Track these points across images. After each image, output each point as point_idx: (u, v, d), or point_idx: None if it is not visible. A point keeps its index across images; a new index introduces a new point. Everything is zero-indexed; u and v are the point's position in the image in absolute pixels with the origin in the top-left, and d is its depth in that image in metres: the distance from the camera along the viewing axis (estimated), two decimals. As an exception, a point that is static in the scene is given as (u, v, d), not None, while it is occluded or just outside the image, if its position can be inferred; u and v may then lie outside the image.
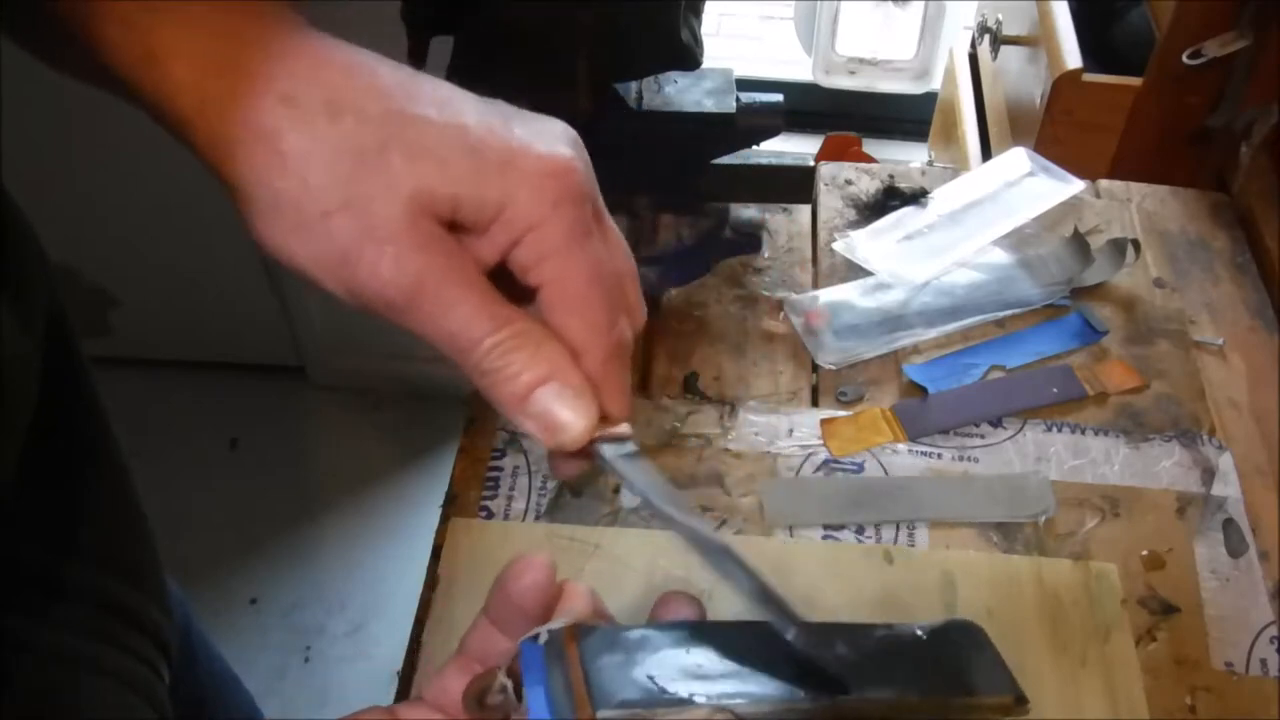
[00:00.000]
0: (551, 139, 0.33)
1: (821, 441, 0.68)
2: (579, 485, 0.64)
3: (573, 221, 0.33)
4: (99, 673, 0.46)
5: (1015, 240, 0.81)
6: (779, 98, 0.73)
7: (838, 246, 0.81)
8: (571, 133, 0.34)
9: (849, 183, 0.87)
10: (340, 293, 0.32)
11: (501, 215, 0.32)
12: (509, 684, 0.34)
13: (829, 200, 0.85)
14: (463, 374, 0.33)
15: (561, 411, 0.33)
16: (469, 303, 0.32)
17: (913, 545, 0.63)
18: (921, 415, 0.69)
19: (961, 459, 0.67)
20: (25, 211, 0.44)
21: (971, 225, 0.82)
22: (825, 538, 0.63)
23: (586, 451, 0.34)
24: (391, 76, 0.33)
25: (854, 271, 0.79)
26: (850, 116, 2.05)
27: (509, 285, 0.34)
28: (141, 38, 0.31)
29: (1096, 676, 0.56)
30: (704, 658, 0.36)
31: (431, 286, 0.31)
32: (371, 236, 0.31)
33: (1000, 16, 1.32)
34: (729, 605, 0.58)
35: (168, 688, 0.51)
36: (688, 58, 0.67)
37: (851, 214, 0.84)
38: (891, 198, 0.85)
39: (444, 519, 0.63)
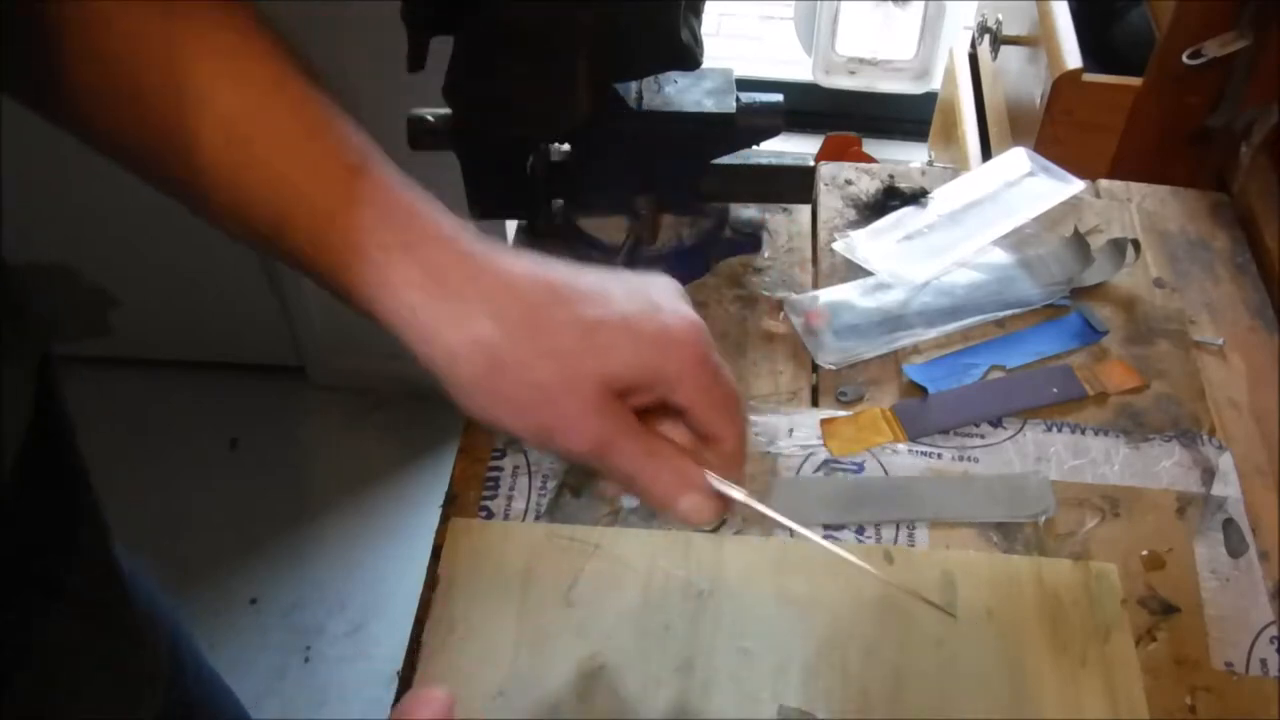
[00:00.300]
0: (672, 299, 0.43)
1: (821, 441, 0.68)
2: (579, 486, 0.64)
3: (709, 369, 0.43)
4: (96, 670, 0.47)
5: (1015, 240, 0.81)
6: (779, 98, 0.73)
7: (838, 246, 0.81)
8: (676, 285, 0.45)
9: (849, 183, 0.87)
10: (541, 450, 0.45)
11: (661, 379, 0.42)
12: None
13: (829, 200, 0.85)
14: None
15: (697, 512, 0.44)
16: (636, 448, 0.42)
17: (913, 545, 0.63)
18: (921, 415, 0.69)
19: (961, 459, 0.67)
20: (24, 215, 0.45)
21: (971, 225, 0.82)
22: (825, 537, 0.63)
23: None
24: (559, 274, 0.42)
25: (854, 271, 0.79)
26: (850, 116, 2.05)
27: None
28: (379, 271, 0.40)
29: (1096, 676, 0.56)
30: None
31: (611, 446, 0.41)
32: (569, 417, 0.41)
33: (1000, 16, 1.32)
34: (731, 604, 0.58)
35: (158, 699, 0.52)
36: (688, 58, 0.67)
37: (851, 214, 0.84)
38: (891, 198, 0.85)
39: (444, 519, 0.63)
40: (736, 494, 0.45)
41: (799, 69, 2.07)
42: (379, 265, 0.40)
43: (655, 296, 0.43)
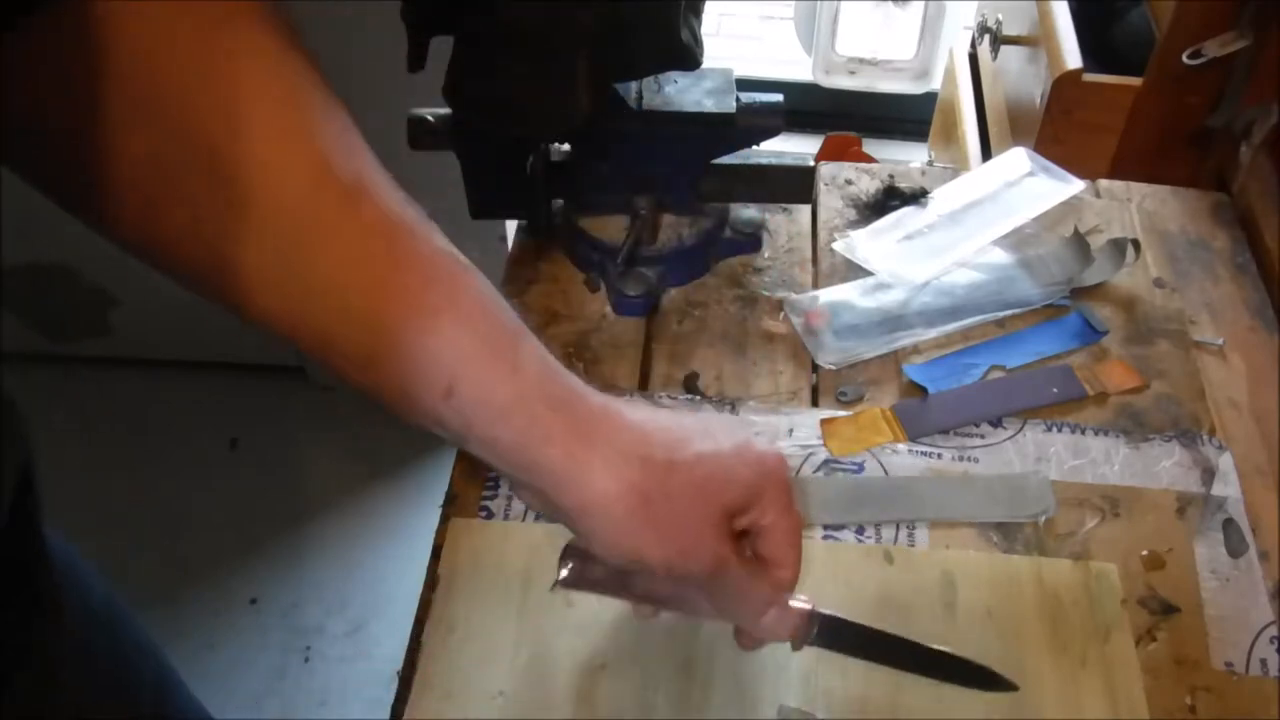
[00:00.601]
0: (749, 435, 0.47)
1: (821, 441, 0.68)
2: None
3: (789, 496, 0.48)
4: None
5: (1015, 240, 0.81)
6: (779, 98, 0.73)
7: (838, 246, 0.81)
8: (772, 448, 0.49)
9: (849, 183, 0.87)
10: (662, 569, 0.44)
11: (759, 502, 0.47)
12: None
13: (829, 200, 0.85)
14: None
15: (781, 625, 0.51)
16: (743, 569, 0.47)
17: (913, 545, 0.63)
18: (921, 415, 0.69)
19: (961, 459, 0.67)
20: (24, 215, 0.44)
21: (971, 225, 0.82)
22: (825, 537, 0.63)
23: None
24: (668, 420, 0.46)
25: (854, 271, 0.79)
26: (850, 116, 2.05)
27: None
28: (527, 428, 0.41)
29: (1096, 676, 0.56)
30: None
31: (728, 564, 0.46)
32: (703, 540, 0.45)
33: (1000, 16, 1.32)
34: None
35: None
36: (688, 58, 0.67)
37: (851, 214, 0.84)
38: (891, 198, 0.85)
39: (444, 519, 0.63)
40: (803, 603, 0.51)
41: (799, 69, 2.07)
42: (527, 423, 0.41)
43: (739, 433, 0.48)
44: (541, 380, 0.42)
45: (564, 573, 0.55)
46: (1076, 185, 0.84)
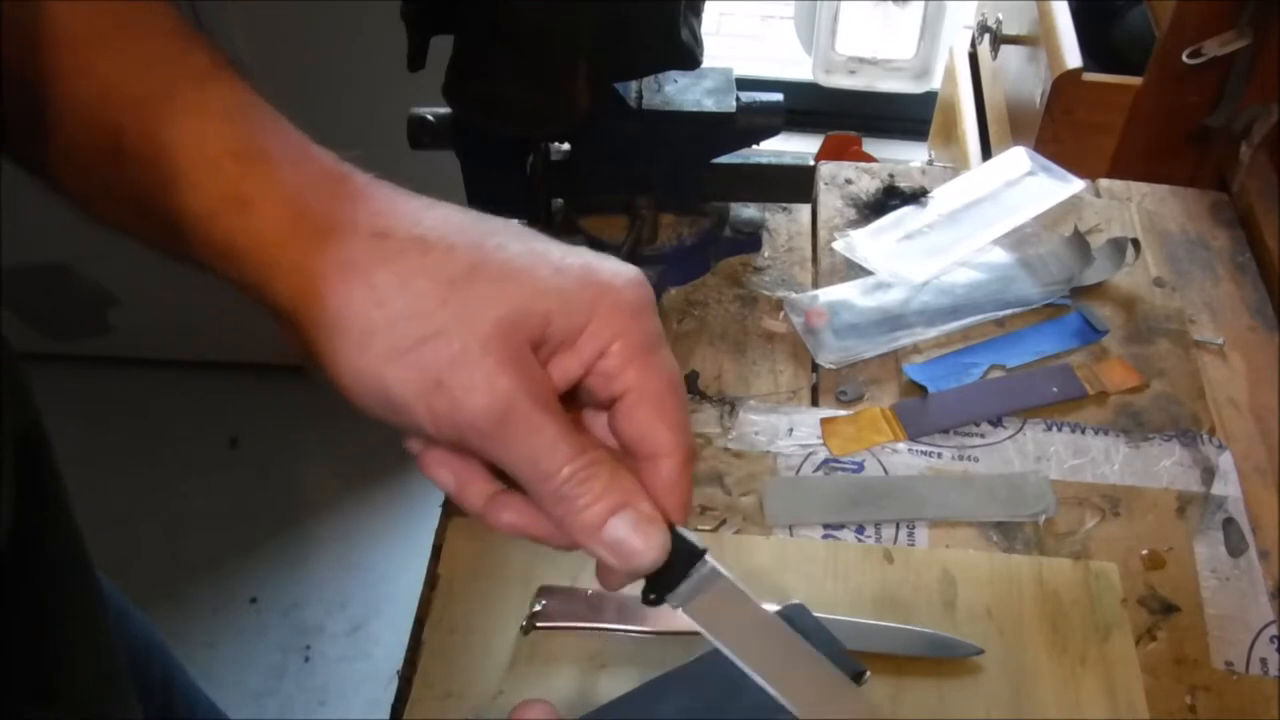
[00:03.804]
0: (615, 262, 0.36)
1: (821, 441, 0.68)
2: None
3: (652, 330, 0.35)
4: None
5: (1015, 239, 0.81)
6: (779, 97, 0.73)
7: (838, 246, 0.81)
8: (629, 265, 0.37)
9: (849, 182, 0.87)
10: (428, 422, 0.32)
11: (589, 326, 0.34)
12: None
13: (829, 200, 0.85)
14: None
15: (636, 540, 0.34)
16: (553, 427, 0.33)
17: (912, 544, 0.63)
18: (921, 415, 0.69)
19: (961, 458, 0.67)
20: (24, 215, 0.44)
21: (971, 224, 0.82)
22: (825, 537, 0.63)
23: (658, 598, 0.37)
24: (464, 213, 0.35)
25: (854, 271, 0.79)
26: (850, 116, 2.05)
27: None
28: (232, 183, 0.32)
29: (1096, 676, 0.56)
30: None
31: (521, 410, 0.32)
32: (465, 360, 0.32)
33: (1000, 16, 1.32)
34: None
35: None
36: (688, 57, 0.67)
37: (851, 213, 0.84)
38: (891, 197, 0.85)
39: (444, 519, 0.63)
40: (691, 536, 0.36)
41: (799, 68, 2.07)
42: (232, 180, 0.33)
43: (594, 252, 0.36)
44: (248, 123, 0.34)
45: (536, 608, 0.55)
46: (1076, 185, 0.84)
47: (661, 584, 0.36)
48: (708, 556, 0.37)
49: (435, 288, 0.32)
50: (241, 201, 0.33)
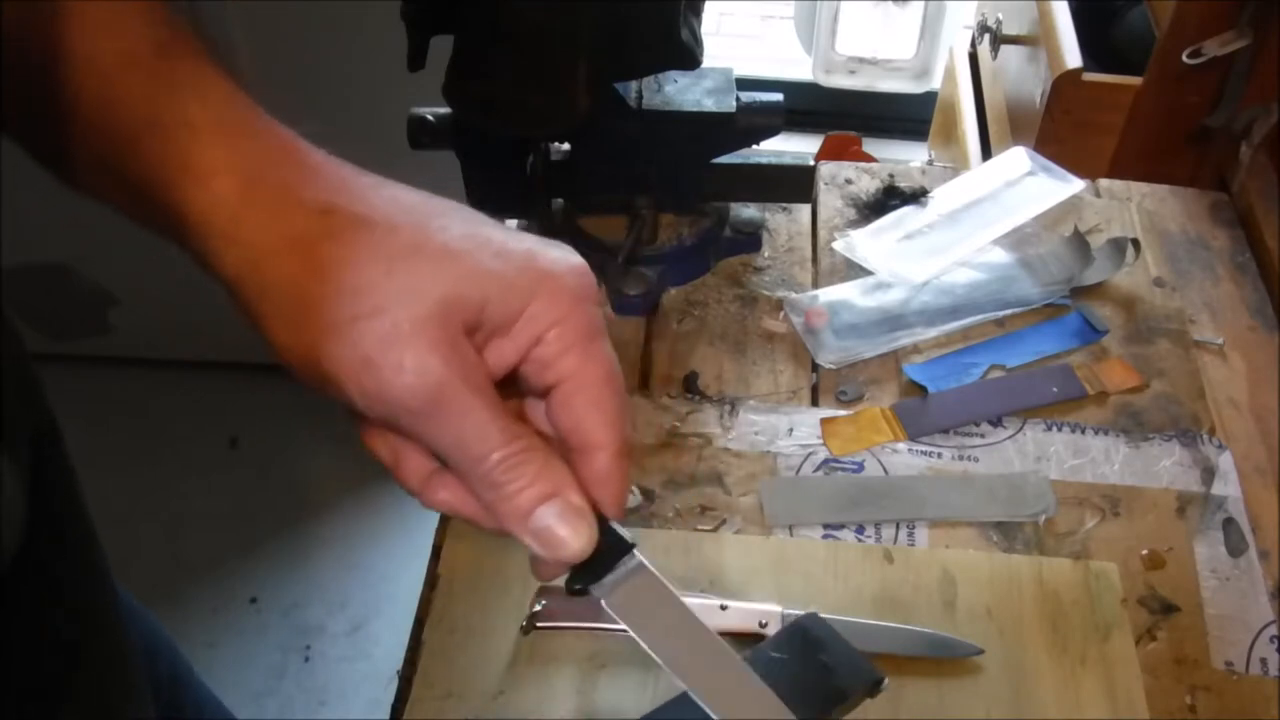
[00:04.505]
0: (561, 249, 0.36)
1: (821, 441, 0.68)
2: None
3: (591, 319, 0.35)
4: None
5: (1015, 239, 0.81)
6: (779, 97, 0.73)
7: (838, 246, 0.81)
8: (573, 251, 0.37)
9: (849, 182, 0.87)
10: (358, 398, 0.32)
11: (526, 311, 0.34)
12: None
13: (829, 200, 0.85)
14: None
15: (562, 529, 0.34)
16: (484, 411, 0.33)
17: (912, 544, 0.63)
18: (921, 415, 0.69)
19: (961, 458, 0.67)
20: (24, 215, 0.44)
21: (971, 224, 0.82)
22: (825, 537, 0.63)
23: (583, 590, 0.36)
24: (413, 194, 0.35)
25: (854, 271, 0.79)
26: (850, 116, 2.05)
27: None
28: (183, 155, 0.33)
29: (1096, 676, 0.56)
30: None
31: (451, 392, 0.32)
32: (397, 339, 0.32)
33: (1000, 16, 1.32)
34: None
35: None
36: (688, 57, 0.67)
37: (851, 213, 0.84)
38: (891, 197, 0.85)
39: (444, 519, 0.63)
40: (623, 531, 0.36)
41: (799, 68, 2.07)
42: (183, 146, 0.33)
43: (541, 240, 0.36)
44: (213, 94, 0.34)
45: (536, 608, 0.55)
46: (1076, 185, 0.84)
47: (588, 574, 0.36)
48: (636, 551, 0.37)
49: (374, 265, 0.32)
50: (192, 172, 0.33)
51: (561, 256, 0.35)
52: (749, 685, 0.38)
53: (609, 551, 0.36)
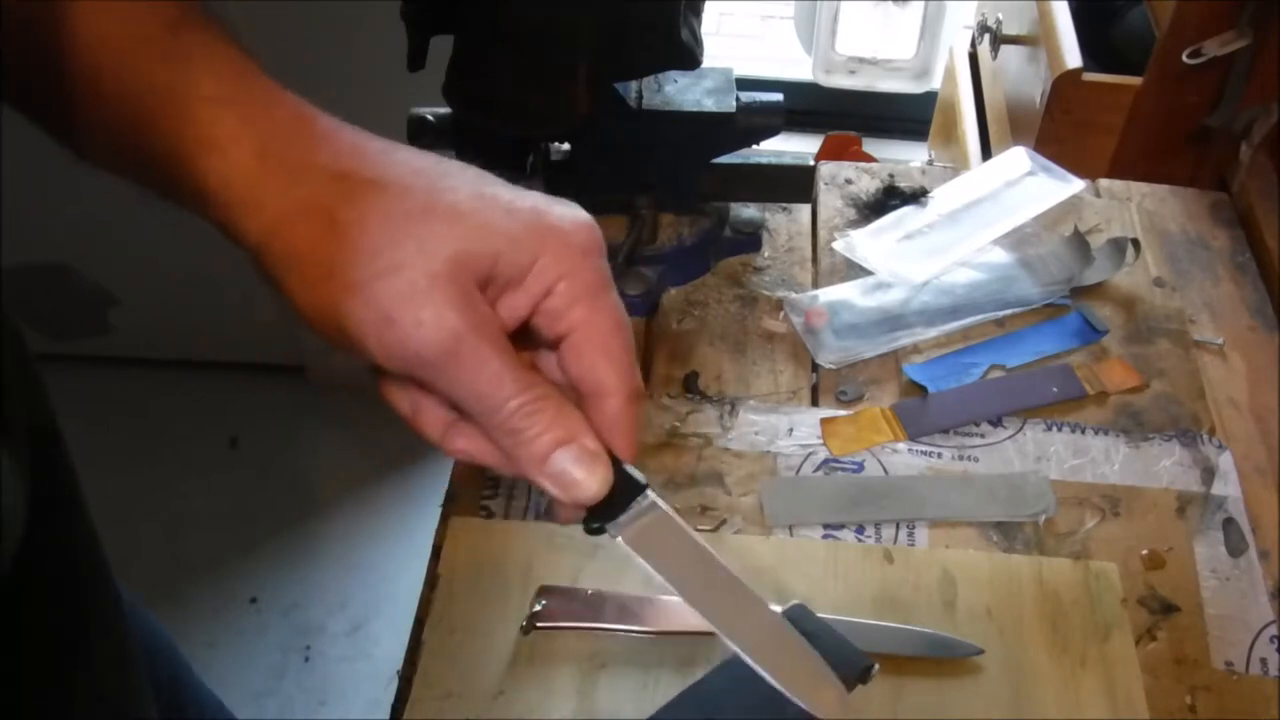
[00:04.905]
0: (567, 206, 0.37)
1: (821, 441, 0.68)
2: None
3: (598, 271, 0.36)
4: None
5: (1015, 239, 0.81)
6: (779, 97, 0.73)
7: (838, 246, 0.81)
8: (579, 207, 0.38)
9: (849, 182, 0.87)
10: (380, 354, 0.34)
11: (536, 265, 0.35)
12: None
13: (829, 200, 0.85)
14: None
15: (578, 472, 0.36)
16: (498, 361, 0.34)
17: (912, 544, 0.63)
18: (921, 415, 0.69)
19: (961, 458, 0.67)
20: (24, 215, 0.44)
21: (971, 224, 0.82)
22: (825, 537, 0.63)
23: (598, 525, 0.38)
24: (423, 157, 0.37)
25: (854, 271, 0.79)
26: (850, 116, 2.05)
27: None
28: (200, 128, 0.34)
29: (1096, 676, 0.56)
30: None
31: (468, 344, 0.34)
32: (414, 295, 0.33)
33: (1000, 16, 1.32)
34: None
35: None
36: (688, 57, 0.67)
37: (851, 213, 0.84)
38: (891, 197, 0.85)
39: (444, 518, 0.63)
40: (635, 473, 0.37)
41: (799, 68, 2.07)
42: (199, 120, 0.34)
43: (548, 197, 0.37)
44: (226, 70, 0.35)
45: (536, 608, 0.55)
46: (1076, 185, 0.84)
47: (604, 515, 0.38)
48: (649, 490, 0.38)
49: (389, 227, 0.34)
50: (211, 145, 0.34)
51: (568, 212, 0.36)
52: (763, 615, 0.40)
53: (623, 493, 0.38)
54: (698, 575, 0.39)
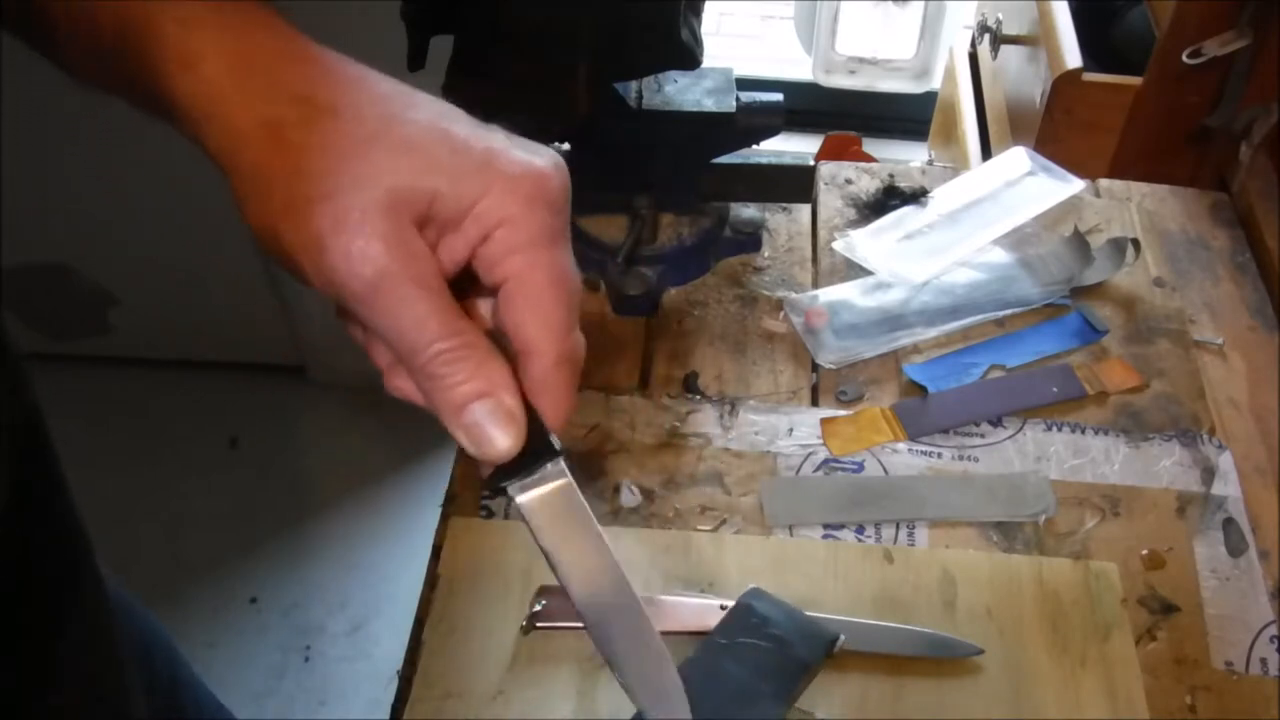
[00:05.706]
0: (534, 152, 0.36)
1: (821, 441, 0.68)
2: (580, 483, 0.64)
3: (543, 223, 0.35)
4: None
5: (1015, 239, 0.81)
6: (779, 97, 0.73)
7: (838, 246, 0.81)
8: (557, 157, 0.37)
9: (849, 182, 0.87)
10: (314, 278, 0.34)
11: (475, 208, 0.34)
12: None
13: (829, 200, 0.85)
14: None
15: (492, 429, 0.35)
16: (425, 304, 0.33)
17: (912, 544, 0.63)
18: (921, 415, 0.69)
19: (961, 458, 0.67)
20: (24, 215, 0.44)
21: (971, 224, 0.82)
22: (825, 537, 0.63)
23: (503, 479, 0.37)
24: (391, 86, 0.36)
25: (854, 271, 0.79)
26: (850, 116, 2.05)
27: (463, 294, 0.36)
28: (174, 44, 0.34)
29: (1096, 676, 0.56)
30: None
31: (392, 282, 0.33)
32: (347, 224, 0.33)
33: (1000, 16, 1.32)
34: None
35: None
36: (688, 57, 0.67)
37: (851, 213, 0.84)
38: (891, 197, 0.85)
39: (444, 518, 0.63)
40: (556, 441, 0.37)
41: (799, 68, 2.07)
42: (173, 34, 0.34)
43: (520, 141, 0.36)
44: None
45: (536, 608, 0.55)
46: (1076, 185, 0.84)
47: (509, 474, 0.37)
48: (561, 460, 0.38)
49: (334, 152, 0.33)
50: (183, 61, 0.34)
51: (525, 158, 0.35)
52: (634, 614, 0.39)
53: (536, 455, 0.37)
54: (582, 557, 0.38)
